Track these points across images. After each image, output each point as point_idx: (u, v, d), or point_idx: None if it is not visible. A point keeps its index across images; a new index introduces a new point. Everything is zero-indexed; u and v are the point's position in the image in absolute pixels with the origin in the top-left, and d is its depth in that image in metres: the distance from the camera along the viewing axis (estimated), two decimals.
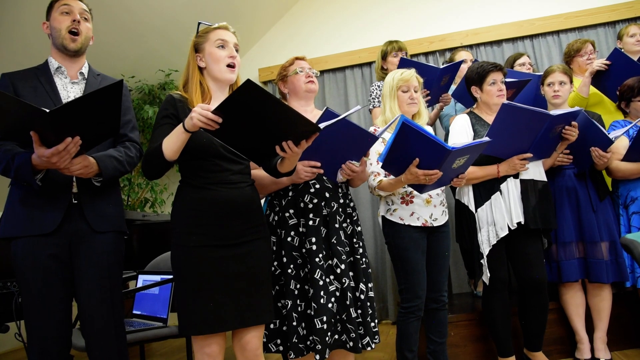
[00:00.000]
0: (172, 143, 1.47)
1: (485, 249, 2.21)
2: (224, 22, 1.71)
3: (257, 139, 1.45)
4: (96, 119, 1.47)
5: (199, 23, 1.70)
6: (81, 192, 1.68)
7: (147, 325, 2.20)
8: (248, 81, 1.25)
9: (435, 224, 2.17)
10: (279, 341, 1.89)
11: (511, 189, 2.21)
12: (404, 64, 2.67)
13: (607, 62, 2.68)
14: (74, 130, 1.43)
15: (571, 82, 2.51)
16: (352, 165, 1.83)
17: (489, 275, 2.21)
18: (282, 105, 1.34)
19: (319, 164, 1.81)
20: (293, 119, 1.38)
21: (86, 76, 1.80)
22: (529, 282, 2.23)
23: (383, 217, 2.22)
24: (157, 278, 2.39)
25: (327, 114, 1.76)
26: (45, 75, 1.73)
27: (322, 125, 1.46)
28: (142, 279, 2.51)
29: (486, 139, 1.93)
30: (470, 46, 3.99)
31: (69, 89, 1.76)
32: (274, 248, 1.93)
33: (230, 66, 1.66)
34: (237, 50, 1.69)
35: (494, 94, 2.25)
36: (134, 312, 2.47)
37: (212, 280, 1.54)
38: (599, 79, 2.75)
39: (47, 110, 1.32)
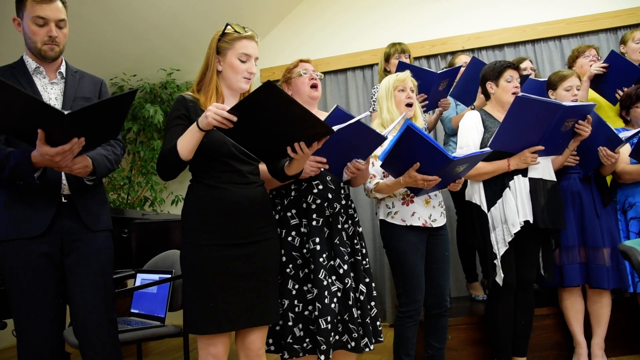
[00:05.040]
0: (187, 142, 1.47)
1: (501, 249, 2.17)
2: (245, 27, 1.67)
3: (270, 139, 1.46)
4: (103, 123, 1.48)
5: (227, 25, 1.65)
6: (73, 193, 1.66)
7: (144, 324, 2.20)
8: (268, 82, 1.26)
9: (434, 225, 2.17)
10: (270, 340, 1.89)
11: (519, 187, 2.18)
12: (402, 67, 2.67)
13: (605, 64, 2.69)
14: (80, 132, 1.42)
15: None
16: (358, 163, 1.84)
17: (502, 276, 2.17)
18: (300, 107, 1.35)
19: (324, 160, 1.82)
20: (308, 121, 1.39)
21: (64, 75, 1.75)
22: (519, 280, 2.23)
23: (382, 220, 2.22)
24: (156, 277, 2.39)
25: (337, 113, 1.77)
26: (24, 77, 1.66)
27: (335, 128, 1.47)
28: (141, 278, 2.51)
29: (487, 149, 1.95)
30: (472, 50, 3.99)
31: (49, 90, 1.71)
32: None
33: (246, 78, 1.67)
34: (255, 63, 1.69)
35: (509, 90, 2.24)
36: (132, 310, 2.47)
37: (221, 279, 1.54)
38: (597, 83, 2.76)
39: (66, 113, 1.31)
